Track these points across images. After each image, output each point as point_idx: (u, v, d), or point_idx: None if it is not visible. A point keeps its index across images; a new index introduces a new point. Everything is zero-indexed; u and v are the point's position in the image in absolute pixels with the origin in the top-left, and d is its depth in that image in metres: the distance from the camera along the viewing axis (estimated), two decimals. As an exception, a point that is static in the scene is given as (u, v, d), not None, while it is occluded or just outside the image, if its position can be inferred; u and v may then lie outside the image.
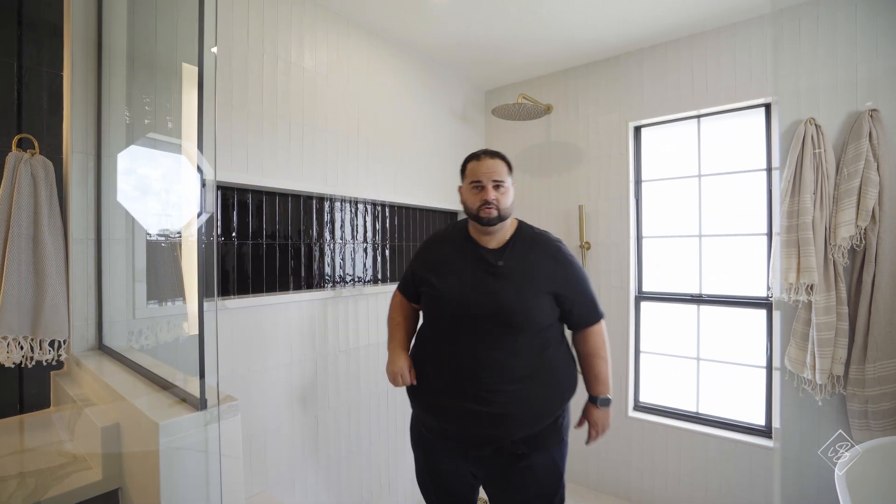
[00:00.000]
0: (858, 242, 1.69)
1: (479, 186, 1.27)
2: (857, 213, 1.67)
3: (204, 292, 0.78)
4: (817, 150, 1.75)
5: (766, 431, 2.00)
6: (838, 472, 1.29)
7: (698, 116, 2.21)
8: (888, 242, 1.63)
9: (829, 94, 1.79)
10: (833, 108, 1.78)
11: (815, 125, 1.77)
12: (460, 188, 1.37)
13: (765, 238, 2.02)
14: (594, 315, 1.31)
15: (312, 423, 1.80)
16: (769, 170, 2.00)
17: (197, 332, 0.79)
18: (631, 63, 2.31)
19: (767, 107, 2.01)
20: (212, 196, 1.52)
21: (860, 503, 1.21)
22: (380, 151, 2.13)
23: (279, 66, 1.70)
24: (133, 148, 1.37)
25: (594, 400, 1.34)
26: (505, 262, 1.26)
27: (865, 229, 1.66)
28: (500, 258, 1.27)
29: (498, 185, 1.26)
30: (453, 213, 2.76)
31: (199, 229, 0.86)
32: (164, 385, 0.93)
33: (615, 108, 2.37)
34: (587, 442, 1.37)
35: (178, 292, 1.42)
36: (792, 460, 1.86)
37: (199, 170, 0.84)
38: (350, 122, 1.99)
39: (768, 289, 1.89)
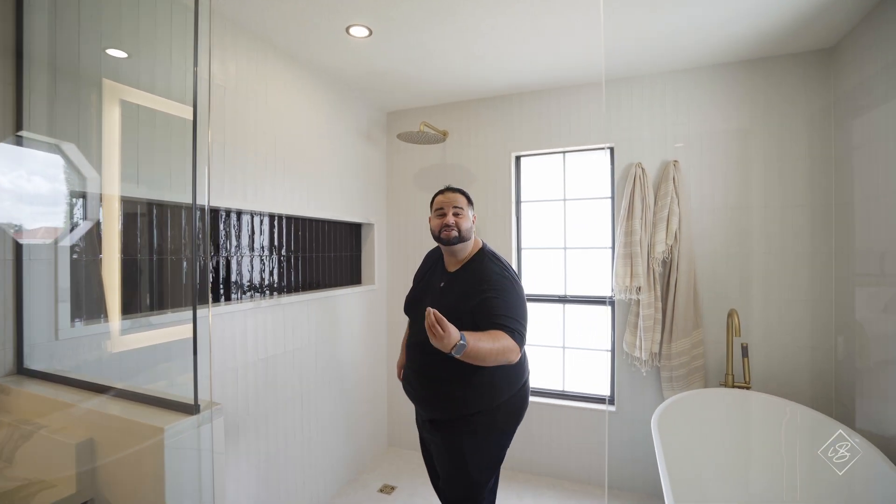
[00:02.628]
0: (667, 255, 2.34)
1: (441, 213, 1.57)
2: (667, 235, 2.31)
3: (197, 303, 0.90)
4: (643, 187, 2.37)
5: (611, 399, 2.61)
6: (653, 419, 1.84)
7: (563, 152, 2.76)
8: (684, 255, 2.30)
9: (650, 146, 2.44)
10: (652, 157, 2.43)
11: (641, 168, 2.39)
12: (430, 219, 1.66)
13: (609, 251, 2.63)
14: (506, 324, 1.37)
15: (233, 431, 1.85)
16: (612, 199, 2.61)
17: (183, 339, 0.91)
18: (513, 103, 2.77)
19: (612, 149, 2.63)
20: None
21: (665, 438, 1.77)
22: (294, 168, 2.24)
23: (200, 84, 1.73)
24: (49, 162, 1.32)
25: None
26: (446, 285, 1.58)
27: (671, 246, 2.32)
28: (445, 281, 1.59)
29: (458, 213, 1.56)
30: (357, 225, 2.95)
31: (194, 247, 0.96)
32: (131, 397, 1.00)
33: (500, 139, 2.81)
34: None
35: (102, 310, 1.41)
36: (626, 419, 2.48)
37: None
38: (267, 140, 2.07)
39: (611, 290, 2.49)
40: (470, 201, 1.65)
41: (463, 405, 1.49)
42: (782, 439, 1.94)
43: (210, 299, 1.46)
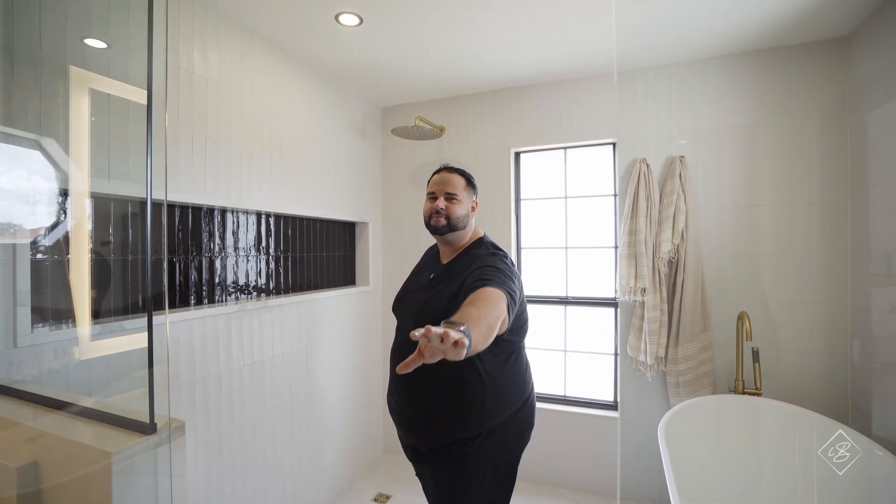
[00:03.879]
0: (673, 255, 2.24)
1: (432, 197, 1.36)
2: (673, 233, 2.21)
3: (153, 309, 0.80)
4: (647, 184, 2.27)
5: (613, 405, 2.51)
6: (660, 427, 1.74)
7: (565, 148, 2.66)
8: (691, 255, 2.19)
9: (655, 141, 2.33)
10: (657, 152, 2.32)
11: (646, 164, 2.29)
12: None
13: (612, 251, 2.52)
14: (492, 283, 1.08)
15: (216, 441, 1.76)
16: (615, 196, 2.51)
17: (140, 348, 0.81)
18: (513, 96, 2.67)
19: (614, 145, 2.52)
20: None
21: (673, 446, 1.67)
22: (283, 164, 2.14)
23: (181, 74, 1.64)
24: (12, 154, 1.23)
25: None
26: (435, 276, 1.36)
27: (677, 246, 2.22)
28: (435, 272, 1.37)
29: (451, 197, 1.33)
30: (351, 224, 2.85)
31: (149, 245, 0.87)
32: (87, 414, 0.90)
33: (499, 134, 2.71)
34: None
35: (69, 315, 1.32)
36: (630, 425, 2.37)
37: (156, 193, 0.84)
38: (254, 135, 1.97)
39: (615, 291, 2.38)
40: (470, 184, 1.40)
41: (454, 426, 1.23)
42: (795, 448, 1.84)
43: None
